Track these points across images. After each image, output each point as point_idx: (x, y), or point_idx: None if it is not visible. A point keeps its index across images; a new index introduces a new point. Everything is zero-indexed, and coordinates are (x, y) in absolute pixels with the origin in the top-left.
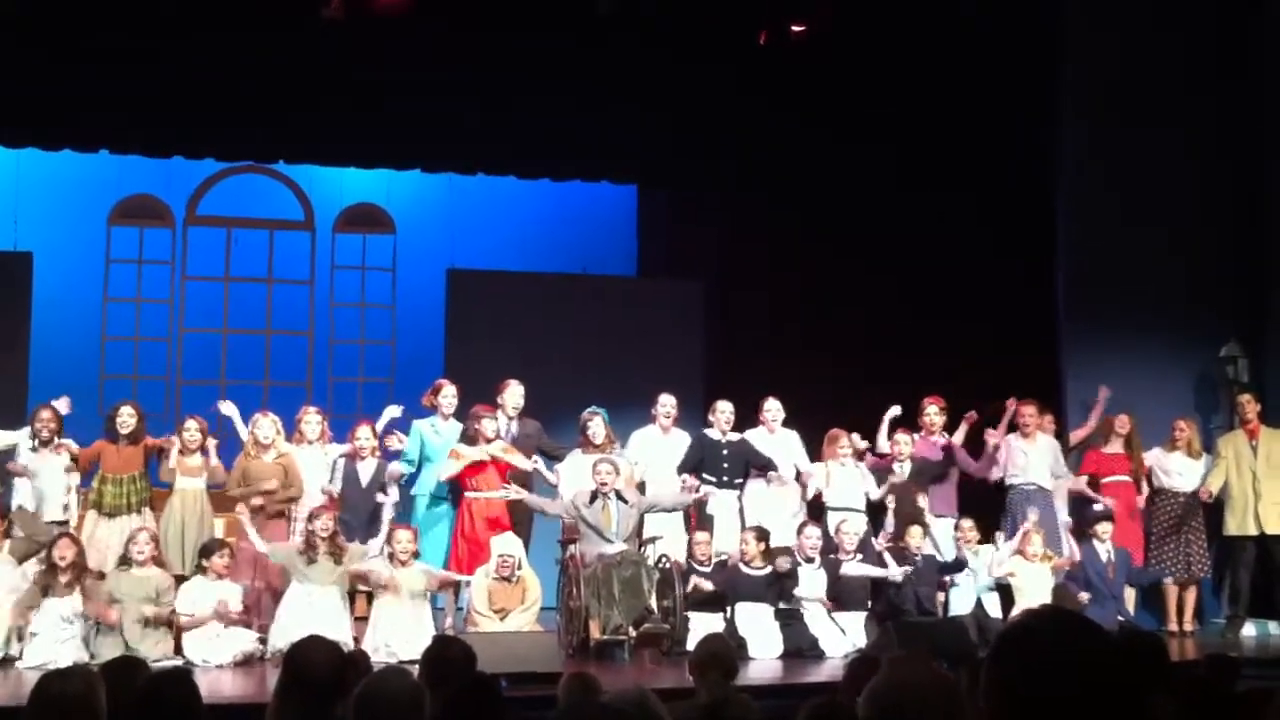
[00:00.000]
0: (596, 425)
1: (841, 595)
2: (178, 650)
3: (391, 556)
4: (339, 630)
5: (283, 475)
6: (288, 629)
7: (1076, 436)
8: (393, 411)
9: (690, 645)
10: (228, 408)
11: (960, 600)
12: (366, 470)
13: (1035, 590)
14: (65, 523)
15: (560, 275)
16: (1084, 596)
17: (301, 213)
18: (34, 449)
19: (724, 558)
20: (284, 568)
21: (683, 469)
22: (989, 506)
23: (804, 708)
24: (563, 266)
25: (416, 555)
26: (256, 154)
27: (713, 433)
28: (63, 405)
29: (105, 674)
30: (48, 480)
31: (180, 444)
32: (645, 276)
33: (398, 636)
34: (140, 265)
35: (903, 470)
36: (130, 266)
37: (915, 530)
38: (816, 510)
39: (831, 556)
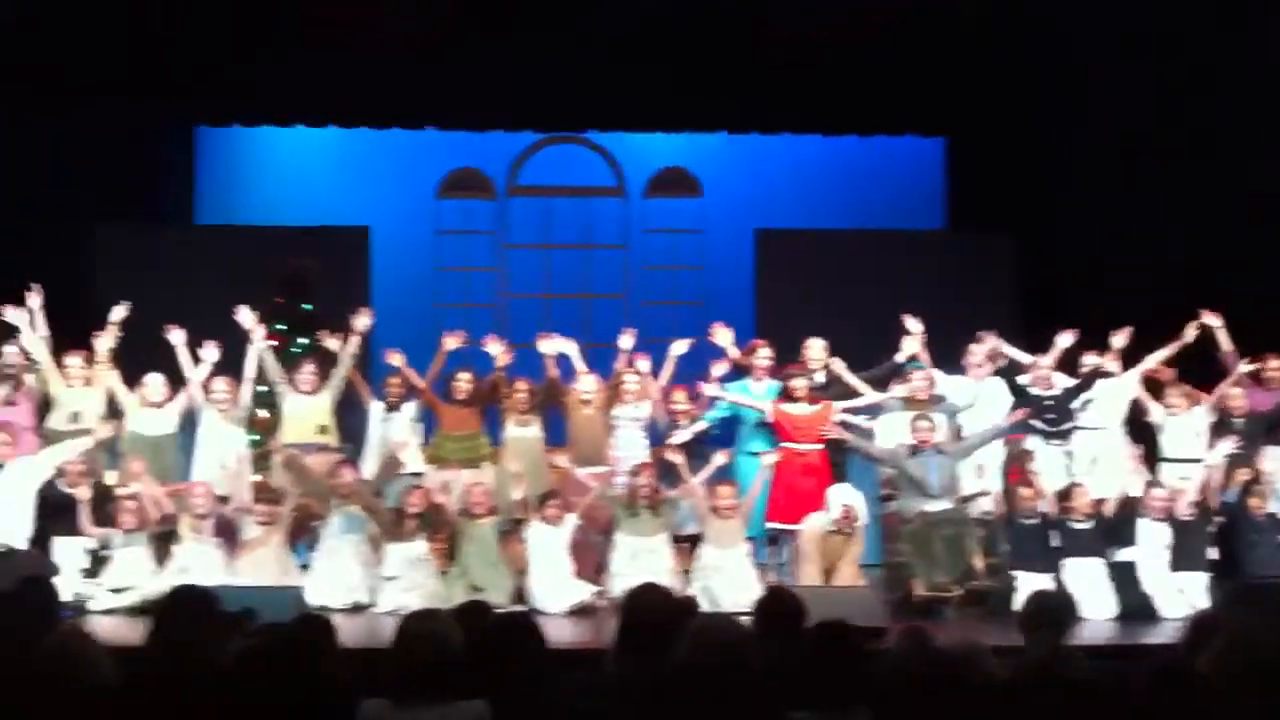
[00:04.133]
0: (918, 381)
1: (1182, 554)
2: (520, 597)
3: (715, 510)
4: (666, 578)
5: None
6: (620, 578)
7: None
8: (679, 347)
9: (1016, 604)
10: (556, 345)
11: None
12: (682, 432)
13: None
14: (419, 474)
15: (868, 231)
16: None
17: (614, 179)
18: (384, 418)
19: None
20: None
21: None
22: None
23: (1146, 670)
24: (870, 222)
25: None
26: (570, 124)
27: (1033, 388)
28: (397, 359)
29: (457, 617)
30: (395, 435)
31: (512, 402)
32: (955, 229)
33: (721, 586)
34: (467, 235)
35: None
36: (458, 237)
37: (1259, 490)
38: (1153, 463)
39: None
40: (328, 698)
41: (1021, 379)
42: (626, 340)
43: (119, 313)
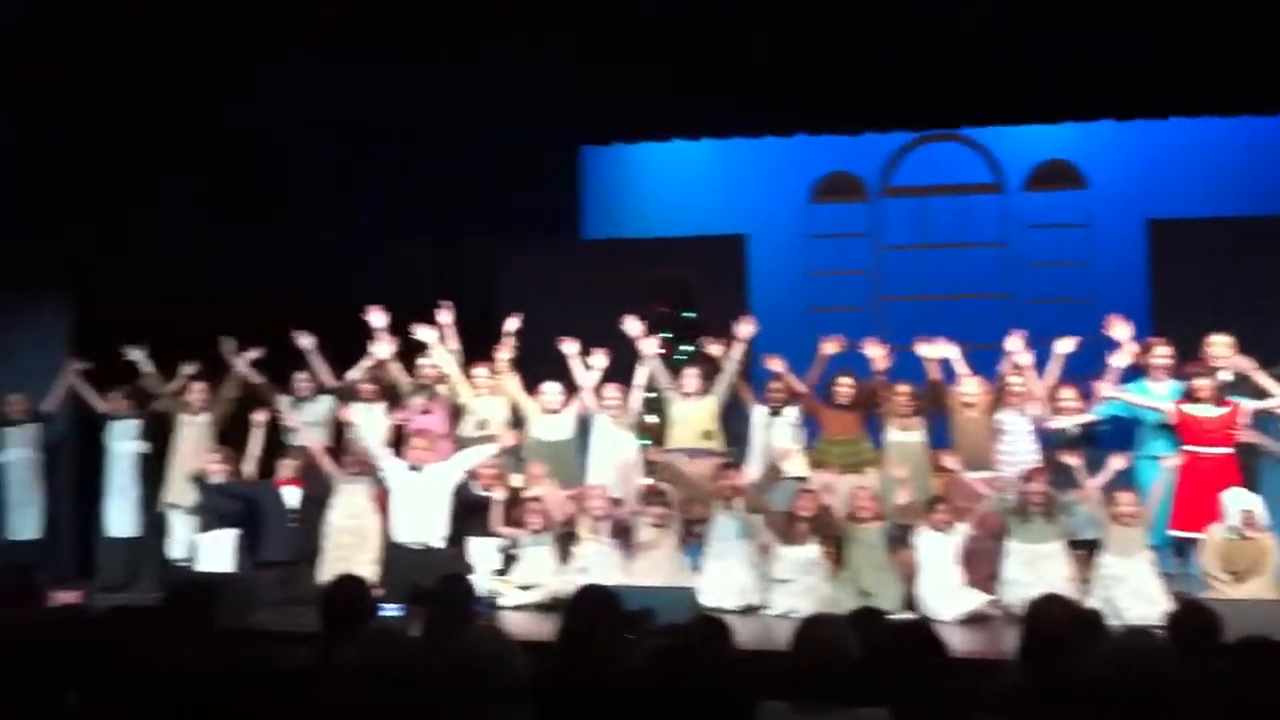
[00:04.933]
0: None
1: None
2: (909, 604)
3: (1115, 517)
4: (1062, 587)
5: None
6: (1013, 586)
7: None
8: (1064, 345)
9: None
10: (936, 350)
11: None
12: (1063, 419)
13: None
14: (803, 479)
15: (1274, 217)
16: None
17: (991, 175)
18: (767, 423)
19: None
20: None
21: None
22: None
23: None
24: (1277, 207)
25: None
26: (942, 121)
27: None
28: (777, 364)
29: (851, 623)
30: (778, 440)
31: (894, 406)
32: None
33: (1125, 598)
34: (842, 239)
35: None
36: (833, 241)
37: None
38: None
39: None
40: (729, 698)
41: None
42: (1013, 342)
43: (512, 324)
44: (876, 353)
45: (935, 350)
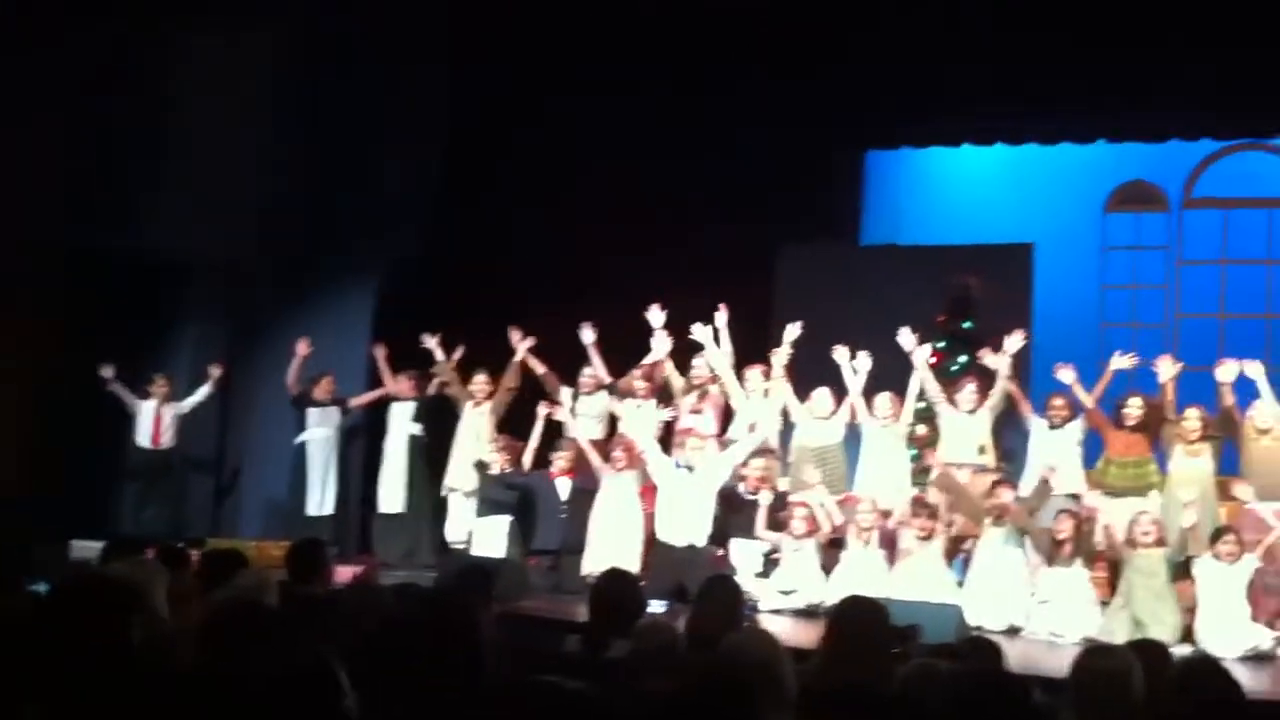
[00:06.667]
0: None
1: None
2: (1187, 637)
3: None
4: None
5: None
6: None
7: None
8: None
9: None
10: (1235, 370)
11: None
12: None
13: None
14: (1076, 497)
15: None
16: None
17: None
18: (1047, 438)
19: None
20: None
21: None
22: None
23: None
24: None
25: None
26: (1254, 130)
27: None
28: (1067, 374)
29: (1137, 654)
30: (1056, 456)
31: (1182, 430)
32: None
33: None
34: (1136, 251)
35: None
36: (1126, 253)
37: None
38: None
39: None
40: None
41: None
42: None
43: (793, 332)
44: (1166, 370)
45: (1233, 372)
